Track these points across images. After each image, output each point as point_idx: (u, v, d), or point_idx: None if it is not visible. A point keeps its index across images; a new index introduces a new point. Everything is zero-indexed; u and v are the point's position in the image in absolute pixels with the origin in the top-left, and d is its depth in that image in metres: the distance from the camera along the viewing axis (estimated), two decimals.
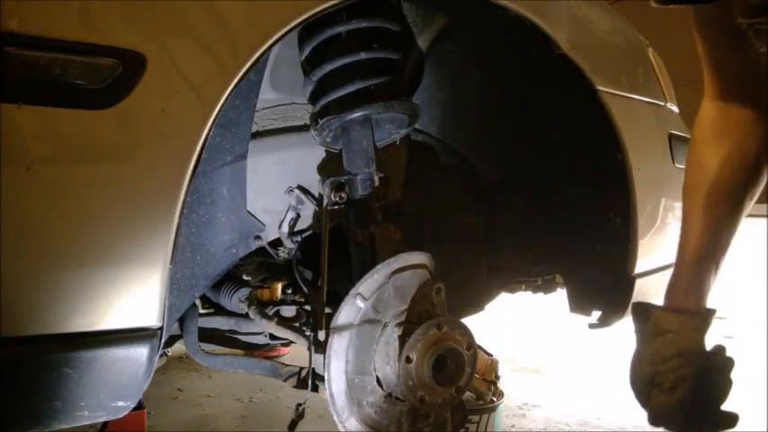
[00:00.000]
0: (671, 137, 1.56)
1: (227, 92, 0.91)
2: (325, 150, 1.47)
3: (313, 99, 1.32)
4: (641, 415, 1.01)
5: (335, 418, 1.16)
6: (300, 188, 1.45)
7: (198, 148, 0.88)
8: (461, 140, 1.71)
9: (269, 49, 0.95)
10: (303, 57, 1.29)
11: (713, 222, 0.96)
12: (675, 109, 1.69)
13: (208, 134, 0.89)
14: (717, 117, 0.98)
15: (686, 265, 0.97)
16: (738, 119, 0.96)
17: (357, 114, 1.27)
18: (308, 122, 1.44)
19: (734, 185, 0.96)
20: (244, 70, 0.92)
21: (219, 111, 0.90)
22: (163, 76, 0.86)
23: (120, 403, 0.90)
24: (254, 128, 1.39)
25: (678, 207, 1.47)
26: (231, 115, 1.16)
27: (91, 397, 0.87)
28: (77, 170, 0.82)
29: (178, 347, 1.61)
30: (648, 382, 0.98)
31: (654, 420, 0.98)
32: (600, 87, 1.35)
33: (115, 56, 0.83)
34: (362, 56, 1.24)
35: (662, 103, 1.59)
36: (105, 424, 1.39)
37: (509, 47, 1.42)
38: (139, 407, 1.51)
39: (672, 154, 1.55)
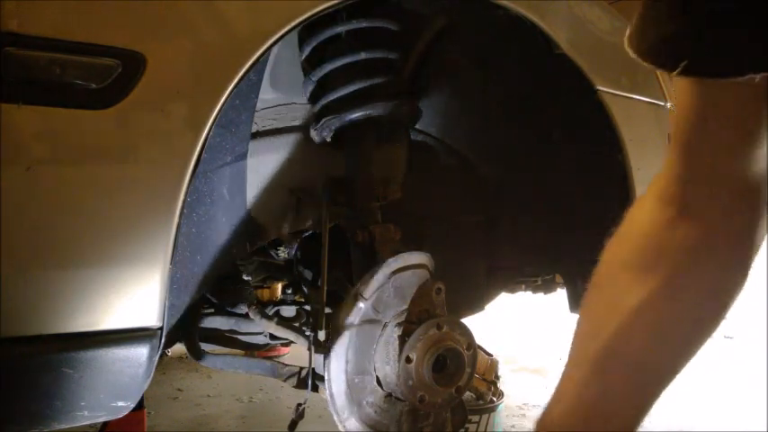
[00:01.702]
0: (671, 137, 1.56)
1: (227, 92, 0.91)
2: (325, 150, 1.47)
3: (313, 99, 1.32)
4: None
5: (335, 417, 1.16)
6: (300, 188, 1.45)
7: (198, 148, 0.88)
8: (461, 140, 1.71)
9: (269, 48, 0.95)
10: (303, 57, 1.29)
11: (601, 391, 0.63)
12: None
13: (208, 134, 0.89)
14: (654, 234, 0.62)
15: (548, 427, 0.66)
16: (688, 245, 0.60)
17: (357, 114, 1.27)
18: (308, 122, 1.44)
19: (641, 353, 0.61)
20: (244, 70, 0.92)
21: (219, 111, 0.90)
22: (163, 76, 0.86)
23: (120, 403, 0.90)
24: (255, 128, 1.39)
25: None
26: (231, 115, 1.15)
27: (91, 397, 0.87)
28: (77, 170, 0.82)
29: (178, 347, 1.61)
30: None
31: None
32: (600, 87, 1.35)
33: (115, 56, 0.83)
34: (362, 56, 1.25)
35: (662, 103, 1.59)
36: (105, 424, 1.39)
37: (509, 47, 1.42)
38: (139, 407, 1.51)
39: None
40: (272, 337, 1.66)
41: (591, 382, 0.62)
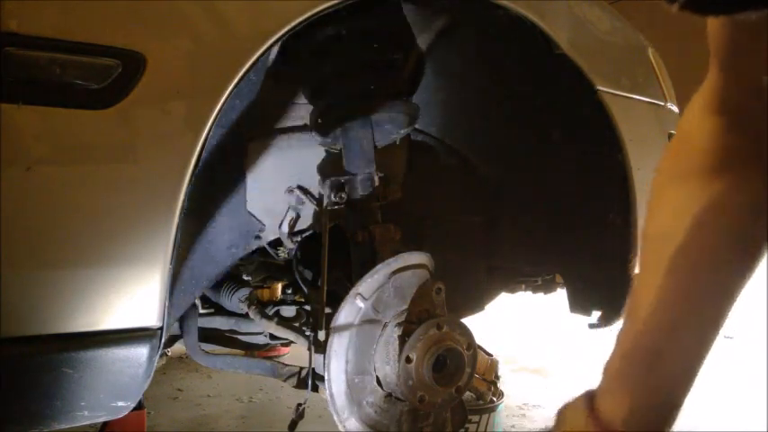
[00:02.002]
0: (671, 137, 1.56)
1: (228, 92, 0.91)
2: (326, 150, 1.47)
3: (313, 99, 1.32)
4: None
5: (335, 417, 1.16)
6: (300, 188, 1.45)
7: (198, 148, 0.88)
8: (461, 140, 1.71)
9: (269, 48, 0.95)
10: (303, 57, 1.29)
11: (678, 296, 0.62)
12: (675, 109, 1.69)
13: (208, 134, 0.89)
14: (708, 142, 0.64)
15: (625, 350, 0.64)
16: (741, 152, 0.62)
17: (357, 114, 1.27)
18: (308, 122, 1.44)
19: (716, 251, 0.62)
20: (244, 70, 0.92)
21: (219, 111, 0.90)
22: (163, 76, 0.86)
23: (120, 403, 0.90)
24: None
25: None
26: (231, 115, 1.16)
27: (91, 397, 0.87)
28: (77, 170, 0.82)
29: (178, 347, 1.61)
30: None
31: None
32: (600, 87, 1.35)
33: (115, 56, 0.83)
34: (363, 56, 1.24)
35: (662, 103, 1.59)
36: (105, 424, 1.40)
37: (509, 47, 1.42)
38: (139, 407, 1.51)
39: None
40: (272, 337, 1.66)
41: (668, 284, 0.62)
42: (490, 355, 2.02)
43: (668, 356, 0.61)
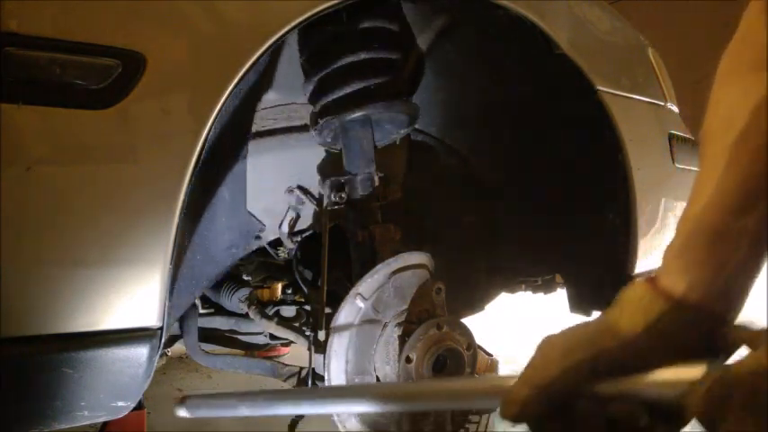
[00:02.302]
0: (671, 137, 1.56)
1: (228, 92, 0.91)
2: (326, 150, 1.47)
3: (313, 99, 1.32)
4: None
5: (335, 417, 1.16)
6: (300, 188, 1.45)
7: (198, 149, 0.88)
8: (461, 140, 1.72)
9: (269, 49, 0.95)
10: (303, 57, 1.29)
11: (739, 181, 0.63)
12: (675, 109, 1.69)
13: (208, 134, 0.89)
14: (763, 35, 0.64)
15: (687, 231, 0.64)
16: None
17: (357, 114, 1.27)
18: (308, 122, 1.44)
19: None
20: (244, 70, 0.92)
21: (219, 111, 0.90)
22: (163, 76, 0.86)
23: (120, 403, 0.90)
24: (255, 128, 1.39)
25: (680, 207, 1.47)
26: (231, 115, 1.15)
27: (91, 397, 0.87)
28: (77, 170, 0.82)
29: (178, 347, 1.61)
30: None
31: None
32: (600, 87, 1.35)
33: (115, 56, 0.83)
34: (363, 56, 1.24)
35: (662, 103, 1.59)
36: (105, 424, 1.39)
37: (509, 47, 1.42)
38: (139, 407, 1.51)
39: (672, 154, 1.55)
40: (272, 337, 1.66)
41: (729, 171, 0.62)
42: (490, 355, 2.02)
43: (730, 237, 0.61)
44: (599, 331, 0.63)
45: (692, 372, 0.57)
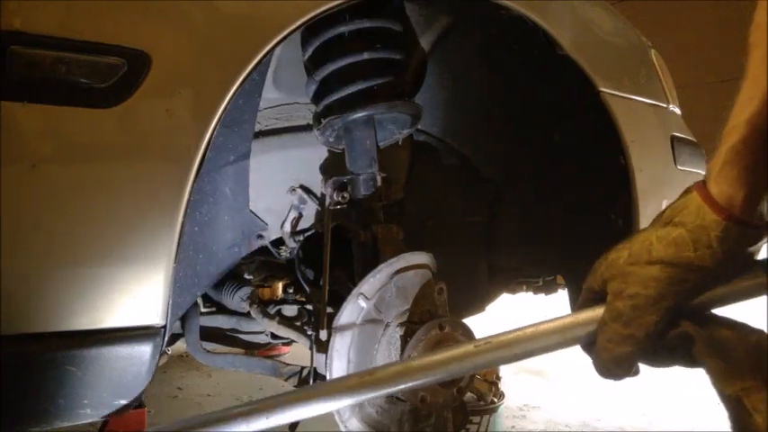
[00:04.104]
0: (673, 139, 1.56)
1: (232, 91, 0.91)
2: (328, 150, 1.47)
3: (316, 99, 1.32)
4: (641, 417, 0.86)
5: (337, 417, 1.16)
6: (303, 188, 1.45)
7: (202, 148, 0.89)
8: (464, 141, 1.72)
9: (273, 48, 0.95)
10: (306, 57, 1.30)
11: None
12: (677, 111, 1.69)
13: (212, 133, 0.89)
14: None
15: (734, 138, 0.63)
16: None
17: (360, 114, 1.27)
18: (310, 122, 1.45)
19: None
20: (248, 70, 0.92)
21: (224, 110, 0.90)
22: (167, 76, 0.86)
23: (122, 401, 0.90)
24: (258, 127, 1.39)
25: None
26: (235, 115, 1.16)
27: (93, 395, 0.87)
28: (82, 168, 0.83)
29: (179, 346, 1.62)
30: (602, 280, 0.71)
31: (595, 363, 0.71)
32: (602, 89, 1.35)
33: (120, 55, 0.83)
34: (365, 56, 1.25)
35: (664, 105, 1.59)
36: (106, 422, 1.40)
37: (511, 47, 1.42)
38: (140, 405, 1.51)
39: (674, 156, 1.55)
40: (274, 336, 1.66)
41: None
42: None
43: None
44: (681, 269, 0.65)
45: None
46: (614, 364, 0.68)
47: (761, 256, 0.67)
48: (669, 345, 0.67)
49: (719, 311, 0.69)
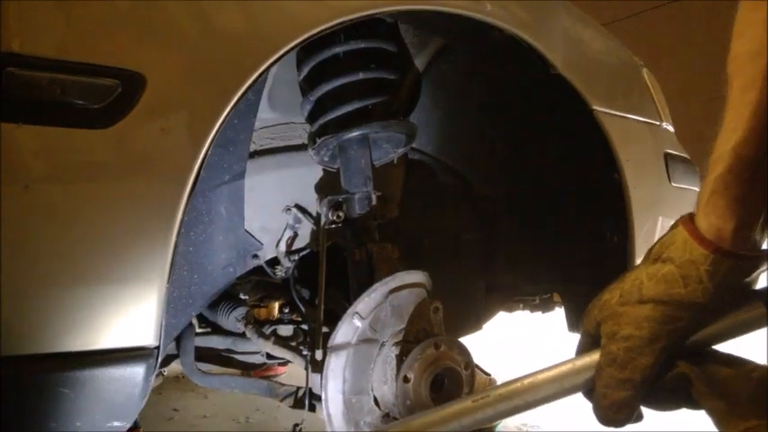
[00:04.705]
0: (667, 156, 1.58)
1: (226, 111, 0.91)
2: (323, 169, 1.48)
3: (311, 119, 1.33)
4: None
5: (326, 419, 1.15)
6: (298, 207, 1.45)
7: (196, 168, 0.89)
8: (459, 159, 1.72)
9: (268, 69, 0.96)
10: (301, 77, 1.31)
11: None
12: (671, 128, 1.71)
13: (206, 153, 0.90)
14: None
15: (720, 168, 0.62)
16: None
17: (355, 134, 1.28)
18: (305, 142, 1.45)
19: None
20: (243, 90, 0.93)
21: (218, 130, 0.91)
22: (162, 96, 0.87)
23: (116, 423, 0.89)
24: (253, 147, 1.40)
25: None
26: (229, 134, 1.16)
27: (86, 417, 0.86)
28: (76, 188, 0.83)
29: (174, 367, 1.60)
30: (596, 323, 0.69)
31: (595, 410, 0.69)
32: (596, 107, 1.37)
33: (115, 76, 0.83)
34: (360, 76, 1.26)
35: (657, 123, 1.61)
36: None
37: (505, 67, 1.43)
38: (135, 427, 1.49)
39: (668, 173, 1.56)
40: (269, 356, 1.64)
41: (766, 96, 0.60)
42: (488, 374, 2.01)
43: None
44: (673, 307, 0.63)
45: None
46: (614, 411, 0.66)
47: (760, 285, 0.65)
48: (668, 387, 0.65)
49: (721, 347, 0.67)
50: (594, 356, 0.68)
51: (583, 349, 0.73)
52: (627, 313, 0.65)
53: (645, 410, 0.69)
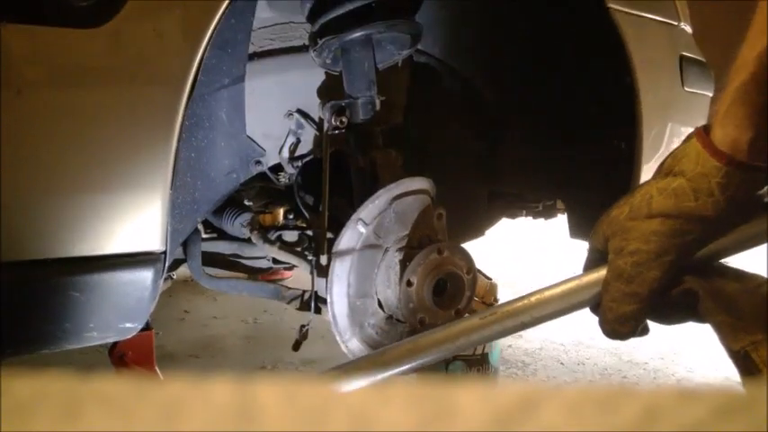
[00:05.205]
0: (682, 59, 1.51)
1: (221, 10, 0.87)
2: (326, 73, 1.43)
3: (312, 18, 1.27)
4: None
5: (338, 338, 1.20)
6: (300, 112, 1.42)
7: (193, 70, 0.86)
8: (465, 62, 1.66)
9: None
10: None
11: None
12: (689, 29, 1.63)
13: (203, 55, 0.86)
14: None
15: (743, 76, 0.59)
16: None
17: (357, 34, 1.22)
18: (306, 43, 1.39)
19: None
20: None
21: (214, 29, 0.87)
22: None
23: (128, 324, 0.92)
24: (252, 49, 1.34)
25: (685, 133, 1.45)
26: (227, 35, 1.11)
27: (99, 319, 0.89)
28: (70, 93, 0.80)
29: (183, 271, 1.64)
30: (604, 239, 0.69)
31: (601, 324, 0.69)
32: (611, 5, 1.30)
33: None
34: None
35: (675, 23, 1.53)
36: (115, 344, 1.44)
37: None
38: (147, 328, 1.55)
39: (682, 77, 1.50)
40: (275, 261, 1.68)
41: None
42: (490, 278, 2.06)
43: None
44: (682, 221, 0.62)
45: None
46: (619, 324, 0.66)
47: None
48: (675, 301, 0.65)
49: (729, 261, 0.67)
50: (602, 272, 0.68)
51: (591, 266, 0.73)
52: (635, 228, 0.65)
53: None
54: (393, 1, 1.24)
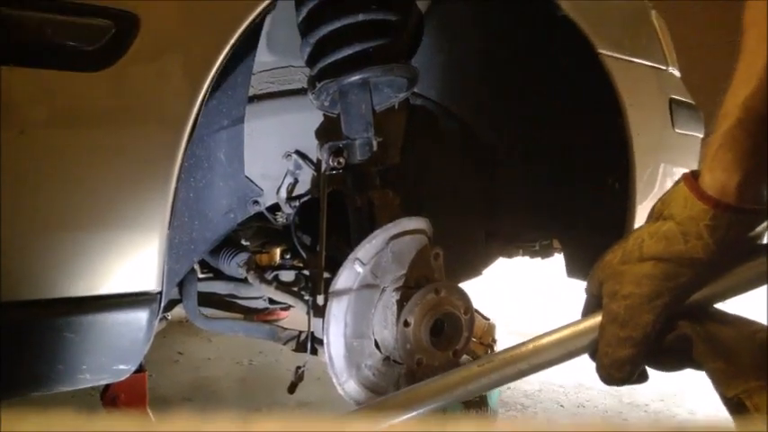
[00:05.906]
0: (671, 101, 1.55)
1: (223, 54, 0.89)
2: (324, 115, 1.45)
3: (311, 62, 1.30)
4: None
5: (334, 380, 1.18)
6: (298, 153, 1.44)
7: (194, 112, 0.87)
8: (461, 104, 1.70)
9: (266, 9, 0.93)
10: (300, 18, 1.27)
11: None
12: (677, 73, 1.67)
13: (204, 97, 0.88)
14: None
15: (730, 121, 0.60)
16: None
17: (355, 78, 1.25)
18: (305, 86, 1.42)
19: None
20: (240, 31, 0.90)
21: (216, 73, 0.89)
22: (157, 38, 0.84)
23: (122, 366, 0.91)
24: (251, 91, 1.37)
25: (677, 173, 1.47)
26: (228, 78, 1.14)
27: (92, 360, 0.88)
28: (72, 133, 0.81)
29: (178, 311, 1.63)
30: (598, 284, 0.69)
31: (598, 370, 0.68)
32: (602, 50, 1.33)
33: (108, 16, 0.81)
34: (361, 17, 1.22)
35: (663, 68, 1.57)
36: (107, 386, 1.41)
37: (510, 8, 1.39)
38: (140, 370, 1.53)
39: (672, 119, 1.53)
40: (271, 301, 1.67)
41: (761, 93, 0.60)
42: (487, 319, 2.04)
43: None
44: (674, 264, 0.62)
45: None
46: (615, 369, 0.65)
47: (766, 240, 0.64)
48: (670, 347, 0.64)
49: (725, 305, 0.66)
50: (597, 318, 0.68)
51: (588, 311, 0.73)
52: (628, 272, 0.65)
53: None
54: (390, 46, 1.28)
